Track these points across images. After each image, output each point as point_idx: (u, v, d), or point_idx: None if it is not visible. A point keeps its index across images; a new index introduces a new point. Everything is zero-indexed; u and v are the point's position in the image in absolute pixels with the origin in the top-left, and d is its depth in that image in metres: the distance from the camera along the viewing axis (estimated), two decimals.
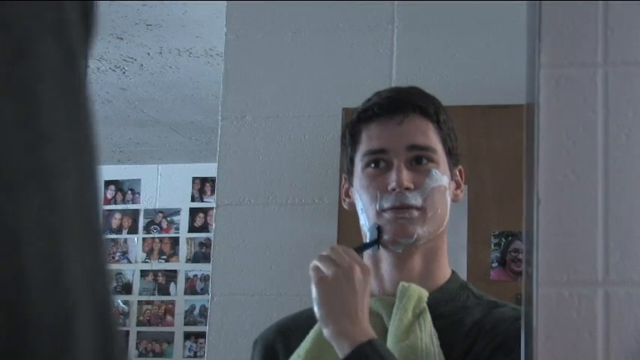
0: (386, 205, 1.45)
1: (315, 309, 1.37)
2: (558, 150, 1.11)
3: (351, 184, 1.52)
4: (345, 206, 1.56)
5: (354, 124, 1.52)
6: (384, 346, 1.34)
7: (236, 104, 2.84)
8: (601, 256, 1.08)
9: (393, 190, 1.44)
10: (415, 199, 1.44)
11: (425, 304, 1.41)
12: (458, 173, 1.54)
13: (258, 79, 2.84)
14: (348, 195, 1.54)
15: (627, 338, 1.06)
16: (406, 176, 1.44)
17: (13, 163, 0.37)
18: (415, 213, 1.44)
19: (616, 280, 1.08)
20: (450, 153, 1.50)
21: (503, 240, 2.59)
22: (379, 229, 1.45)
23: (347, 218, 2.67)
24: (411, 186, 1.44)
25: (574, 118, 1.11)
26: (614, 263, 1.08)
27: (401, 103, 1.48)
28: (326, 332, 1.35)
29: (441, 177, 1.47)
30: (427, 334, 1.38)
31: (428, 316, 1.40)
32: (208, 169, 5.73)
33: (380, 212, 1.45)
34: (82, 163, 0.41)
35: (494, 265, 2.59)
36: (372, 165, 1.47)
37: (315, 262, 1.40)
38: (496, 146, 2.52)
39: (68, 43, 0.41)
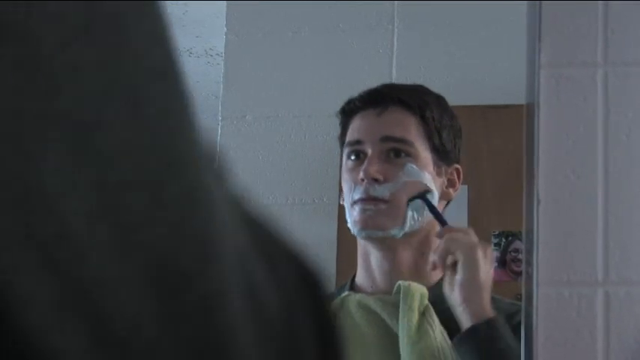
0: (356, 196, 1.44)
1: (462, 279, 1.36)
2: (558, 150, 1.11)
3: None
4: (341, 202, 1.56)
5: (342, 117, 1.54)
6: (507, 328, 1.34)
7: (236, 104, 2.84)
8: (601, 256, 1.08)
9: (362, 180, 1.44)
10: (382, 192, 1.43)
11: (427, 302, 1.41)
12: (454, 172, 1.53)
13: (259, 79, 2.84)
14: (342, 190, 1.55)
15: (627, 338, 1.06)
16: (376, 167, 1.43)
17: (19, 111, 0.34)
18: (382, 206, 1.43)
19: (616, 280, 1.08)
20: (436, 149, 1.49)
21: (503, 240, 2.59)
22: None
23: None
24: (380, 177, 1.43)
25: (574, 118, 1.11)
26: (614, 263, 1.08)
27: (382, 96, 1.49)
28: (455, 302, 1.35)
29: (419, 172, 1.45)
30: (438, 332, 1.38)
31: (433, 314, 1.39)
32: None
33: (352, 204, 1.45)
34: (137, 111, 0.37)
35: (494, 264, 2.59)
36: (352, 157, 1.48)
37: (447, 241, 1.38)
38: (496, 146, 2.52)
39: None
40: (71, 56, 0.35)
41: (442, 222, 1.45)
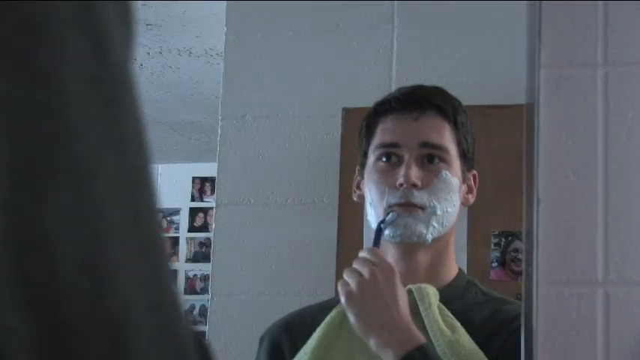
0: (393, 200, 1.44)
1: (355, 327, 1.35)
2: (558, 150, 1.11)
3: (362, 177, 1.52)
4: (355, 198, 1.56)
5: (371, 116, 1.51)
6: (434, 351, 1.32)
7: (236, 104, 2.84)
8: (601, 255, 1.08)
9: (401, 185, 1.43)
10: (421, 198, 1.43)
11: (439, 302, 1.41)
12: (471, 177, 1.53)
13: (258, 79, 2.83)
14: (359, 187, 1.54)
15: (627, 338, 1.06)
16: (415, 173, 1.43)
17: (39, 155, 0.35)
18: (420, 213, 1.44)
19: (616, 280, 1.08)
20: (464, 155, 1.49)
21: (503, 240, 2.59)
22: (380, 226, 1.45)
23: (347, 218, 2.67)
24: (419, 183, 1.43)
25: (574, 117, 1.11)
26: (613, 263, 1.08)
27: (419, 100, 1.48)
28: (372, 347, 1.33)
29: (451, 178, 1.46)
30: (459, 325, 1.38)
31: (448, 311, 1.40)
32: (208, 169, 5.72)
33: (387, 208, 1.45)
34: (123, 166, 0.39)
35: (494, 264, 2.59)
36: (384, 159, 1.47)
37: (344, 275, 1.39)
38: (496, 146, 2.52)
39: (96, 34, 0.38)
40: (86, 107, 0.37)
41: (374, 243, 1.45)
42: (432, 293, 1.40)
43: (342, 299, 1.36)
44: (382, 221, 1.45)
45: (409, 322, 1.34)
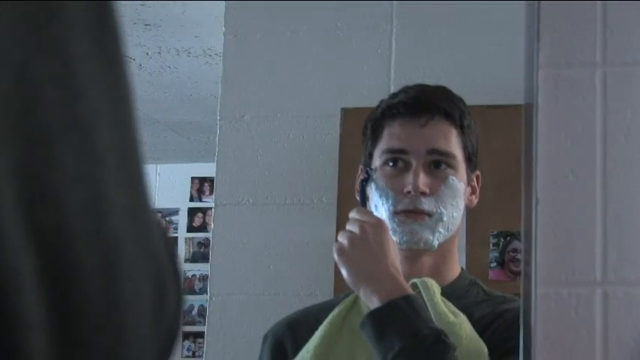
0: (400, 207, 1.44)
1: (346, 280, 1.38)
2: (557, 150, 1.11)
3: None
4: (358, 197, 1.56)
5: (378, 119, 1.51)
6: (421, 304, 1.33)
7: (234, 104, 2.84)
8: (599, 256, 1.08)
9: (409, 192, 1.44)
10: (429, 205, 1.44)
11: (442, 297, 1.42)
12: (475, 179, 1.54)
13: (257, 79, 2.84)
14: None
15: (625, 338, 1.06)
16: (423, 180, 1.44)
17: (49, 118, 0.39)
18: (427, 219, 1.44)
19: (614, 280, 1.08)
20: (469, 159, 1.50)
21: (502, 240, 2.59)
22: (363, 185, 1.49)
23: (346, 218, 2.66)
24: (427, 191, 1.44)
25: (573, 118, 1.11)
26: (612, 263, 1.08)
27: (427, 105, 1.47)
28: (362, 297, 1.36)
29: (458, 184, 1.47)
30: (462, 315, 1.39)
31: (450, 304, 1.40)
32: (207, 169, 5.72)
33: (393, 214, 1.45)
34: (118, 114, 0.44)
35: (493, 265, 2.59)
36: (391, 164, 1.47)
37: (337, 238, 1.41)
38: (495, 146, 2.52)
39: (99, 7, 0.43)
40: (90, 68, 0.42)
41: (361, 203, 1.50)
42: (435, 285, 1.42)
43: (335, 256, 1.38)
44: (364, 180, 1.48)
45: (398, 273, 1.36)
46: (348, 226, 1.40)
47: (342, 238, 1.39)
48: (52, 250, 0.39)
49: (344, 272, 1.37)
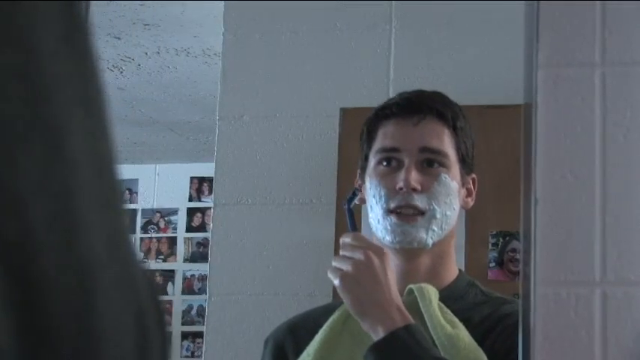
0: (392, 204, 1.45)
1: (348, 307, 1.37)
2: (556, 150, 1.11)
3: (363, 181, 1.53)
4: (356, 201, 1.57)
5: (372, 121, 1.53)
6: (422, 332, 1.34)
7: (234, 104, 2.84)
8: (598, 256, 1.08)
9: (401, 189, 1.45)
10: (421, 202, 1.45)
11: (439, 302, 1.42)
12: (471, 181, 1.54)
13: (256, 79, 2.83)
14: (359, 190, 1.56)
15: (624, 338, 1.06)
16: (415, 177, 1.45)
17: (13, 116, 0.36)
18: (420, 219, 1.45)
19: (613, 280, 1.08)
20: (463, 160, 1.51)
21: (501, 240, 2.59)
22: (349, 207, 1.49)
23: (345, 218, 2.66)
24: (419, 187, 1.45)
25: (572, 118, 1.11)
26: (611, 263, 1.08)
27: (419, 105, 1.49)
28: (364, 327, 1.36)
29: (451, 182, 1.47)
30: (459, 322, 1.39)
31: (448, 310, 1.41)
32: (206, 169, 5.72)
33: (387, 212, 1.46)
34: (90, 120, 0.40)
35: (492, 265, 2.59)
36: (384, 163, 1.49)
37: (333, 263, 1.40)
38: (494, 146, 2.52)
39: (68, 7, 0.40)
40: (59, 65, 0.38)
41: (352, 228, 1.49)
42: (432, 292, 1.42)
43: (336, 282, 1.37)
44: (350, 199, 1.49)
45: (400, 302, 1.36)
46: (346, 252, 1.39)
47: (345, 265, 1.38)
48: (15, 267, 0.36)
49: (349, 299, 1.36)
